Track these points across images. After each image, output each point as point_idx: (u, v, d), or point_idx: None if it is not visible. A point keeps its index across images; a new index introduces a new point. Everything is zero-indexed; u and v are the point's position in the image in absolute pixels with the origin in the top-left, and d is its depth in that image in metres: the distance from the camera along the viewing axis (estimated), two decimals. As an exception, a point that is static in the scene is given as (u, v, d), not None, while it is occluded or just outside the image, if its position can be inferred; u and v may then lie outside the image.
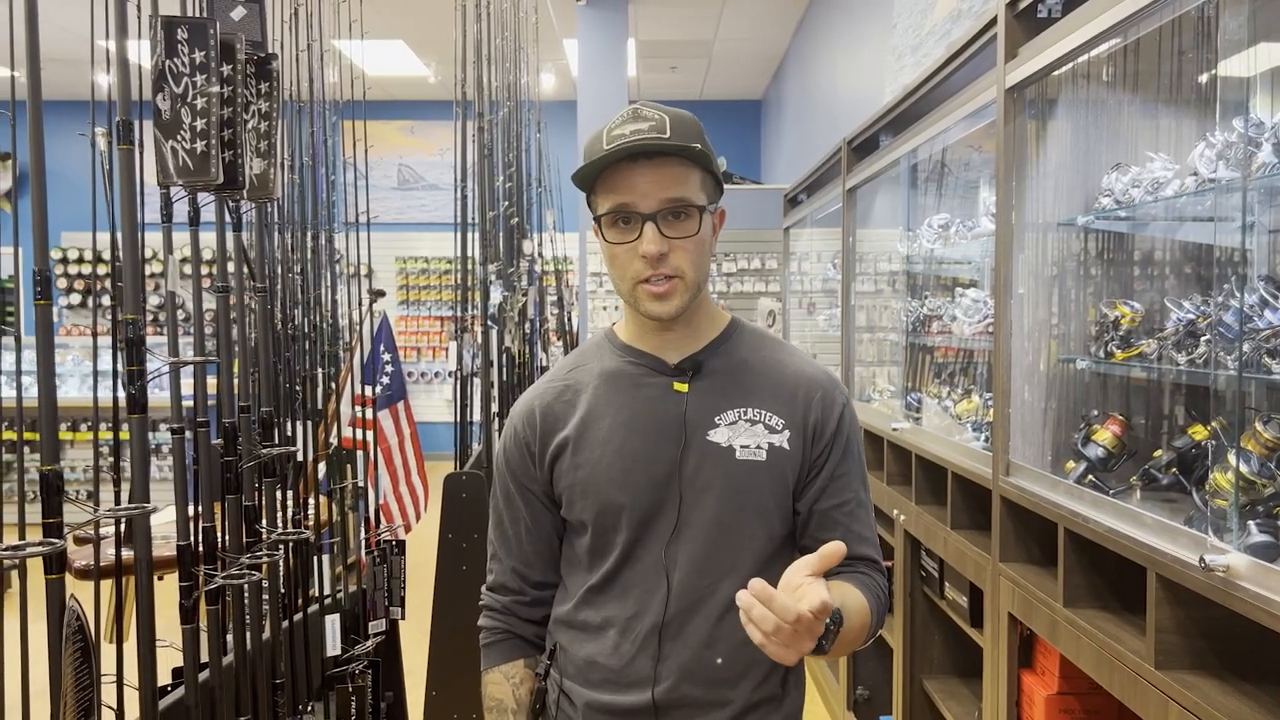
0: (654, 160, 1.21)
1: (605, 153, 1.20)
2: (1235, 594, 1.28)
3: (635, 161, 1.21)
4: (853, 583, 1.28)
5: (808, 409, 1.32)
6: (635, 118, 1.22)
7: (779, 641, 1.00)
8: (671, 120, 1.23)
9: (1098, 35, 1.70)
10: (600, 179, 1.24)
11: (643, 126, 1.21)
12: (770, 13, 7.23)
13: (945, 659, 2.75)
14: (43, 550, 1.04)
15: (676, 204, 1.22)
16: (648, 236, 1.21)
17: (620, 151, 1.19)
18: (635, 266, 1.23)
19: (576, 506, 1.31)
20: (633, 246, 1.22)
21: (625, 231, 1.23)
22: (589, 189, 1.27)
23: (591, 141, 1.25)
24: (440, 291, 9.95)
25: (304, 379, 2.26)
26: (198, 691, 1.49)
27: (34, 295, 1.05)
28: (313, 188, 2.57)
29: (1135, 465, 1.84)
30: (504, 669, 1.39)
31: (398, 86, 9.25)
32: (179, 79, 1.36)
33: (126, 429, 1.32)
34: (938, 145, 2.84)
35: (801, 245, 5.39)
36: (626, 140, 1.20)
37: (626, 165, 1.22)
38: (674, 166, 1.23)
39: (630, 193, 1.21)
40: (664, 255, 1.22)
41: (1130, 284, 2.05)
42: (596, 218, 1.27)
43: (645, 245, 1.21)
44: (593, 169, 1.22)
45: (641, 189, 1.21)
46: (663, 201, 1.22)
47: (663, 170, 1.22)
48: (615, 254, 1.25)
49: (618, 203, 1.22)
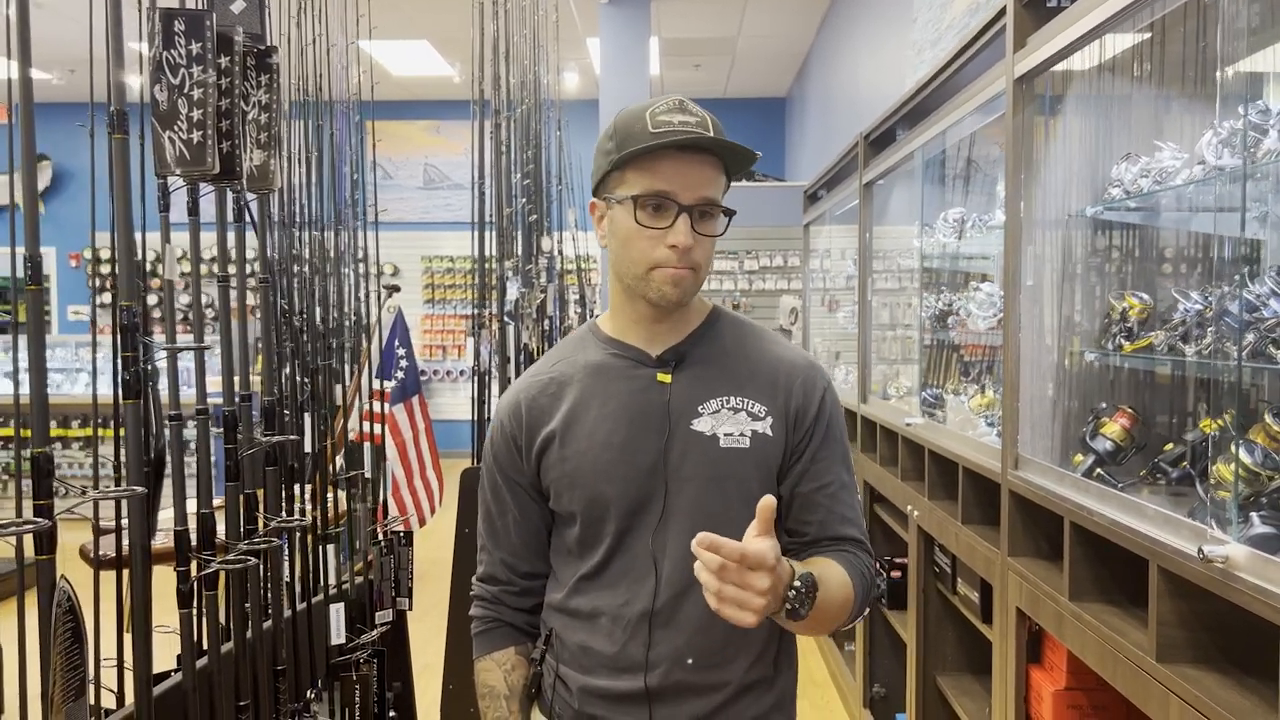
0: (700, 155, 1.23)
1: (667, 137, 1.20)
2: (1234, 585, 1.26)
3: (684, 152, 1.22)
4: (836, 559, 1.29)
5: (789, 395, 1.32)
6: (681, 109, 1.24)
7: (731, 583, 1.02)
8: (713, 121, 1.24)
9: (1105, 21, 1.68)
10: (639, 160, 1.23)
11: (690, 120, 1.22)
12: (793, 9, 7.20)
13: (959, 655, 2.73)
14: (32, 528, 1.06)
15: (710, 203, 1.24)
16: (681, 228, 1.22)
17: (680, 140, 1.20)
18: (659, 253, 1.24)
19: (565, 498, 1.33)
20: (660, 234, 1.23)
21: (656, 218, 1.23)
22: (620, 166, 1.25)
23: (630, 120, 1.24)
24: (465, 290, 9.99)
25: (314, 371, 2.28)
26: (195, 676, 1.51)
27: (26, 279, 1.07)
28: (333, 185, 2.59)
29: (1145, 459, 1.82)
30: (495, 656, 1.40)
31: (422, 86, 9.31)
32: (176, 70, 1.38)
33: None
34: (951, 138, 2.82)
35: (821, 242, 5.37)
36: (689, 131, 1.21)
37: (675, 153, 1.22)
38: (713, 167, 1.25)
39: (672, 182, 1.22)
40: (689, 249, 1.23)
41: (1140, 275, 2.02)
42: (620, 198, 1.25)
43: (679, 236, 1.22)
44: (645, 149, 1.21)
45: (684, 180, 1.22)
46: (700, 198, 1.23)
47: (705, 168, 1.24)
48: (637, 237, 1.24)
49: (658, 189, 1.22)
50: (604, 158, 1.28)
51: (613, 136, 1.26)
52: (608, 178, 1.28)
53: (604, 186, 1.29)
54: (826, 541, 1.32)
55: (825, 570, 1.23)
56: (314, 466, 2.23)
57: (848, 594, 1.26)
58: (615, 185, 1.27)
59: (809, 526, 1.33)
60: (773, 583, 1.05)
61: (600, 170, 1.29)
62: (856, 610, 1.30)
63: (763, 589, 1.04)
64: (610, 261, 1.32)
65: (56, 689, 1.10)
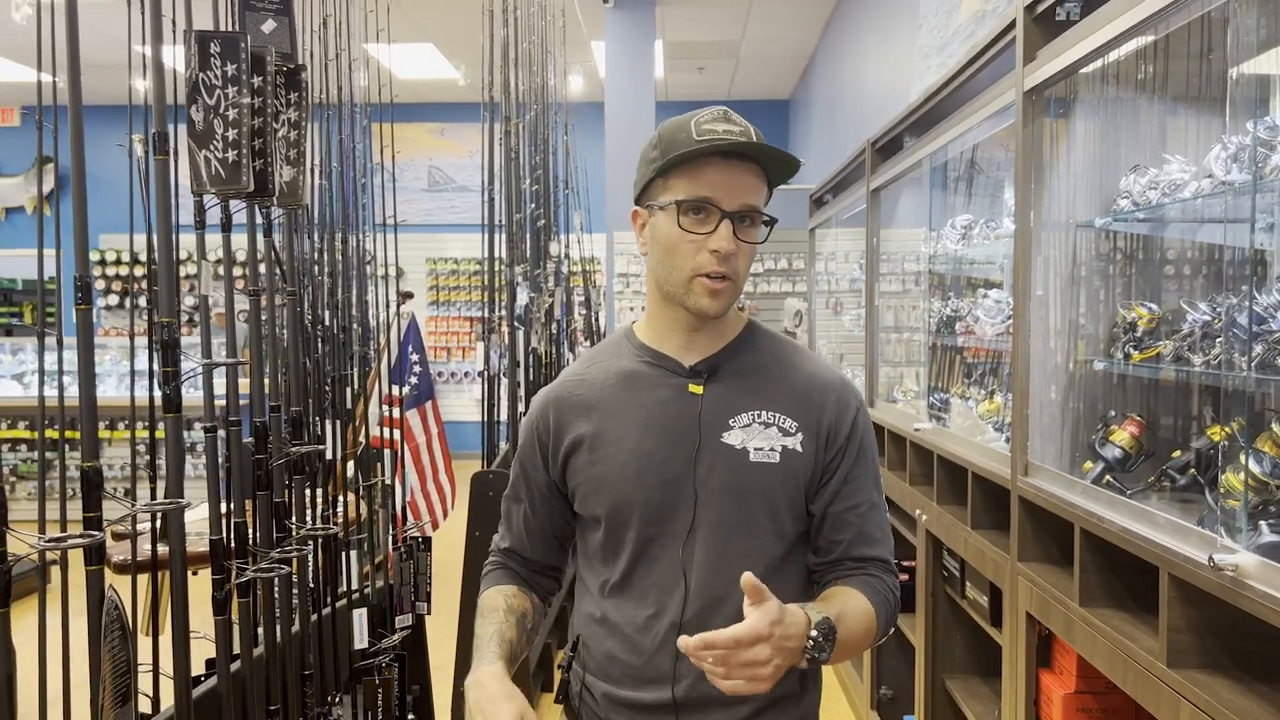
0: (743, 163, 1.26)
1: (710, 143, 1.23)
2: (1244, 593, 1.29)
3: (728, 159, 1.25)
4: (858, 586, 1.31)
5: (822, 412, 1.34)
6: (727, 119, 1.27)
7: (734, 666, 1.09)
8: (756, 132, 1.28)
9: (1115, 38, 1.71)
10: (684, 167, 1.26)
11: (734, 129, 1.25)
12: (797, 13, 7.23)
13: (966, 658, 2.77)
14: (83, 542, 1.09)
15: (752, 210, 1.27)
16: (723, 234, 1.24)
17: (724, 145, 1.23)
18: (701, 258, 1.26)
19: (590, 502, 1.35)
20: (703, 240, 1.25)
21: (698, 223, 1.26)
22: (664, 174, 1.28)
23: (676, 130, 1.28)
24: (470, 292, 10.02)
25: (333, 379, 2.31)
26: (229, 681, 1.54)
27: (75, 300, 1.10)
28: (341, 191, 2.62)
29: (1153, 466, 1.85)
30: (499, 587, 1.44)
31: (427, 89, 9.34)
32: (211, 91, 1.41)
33: (162, 427, 1.37)
34: (959, 148, 2.85)
35: (828, 245, 5.40)
36: (734, 138, 1.24)
37: (719, 161, 1.25)
38: (755, 175, 1.27)
39: (715, 188, 1.25)
40: (731, 255, 1.25)
41: (1148, 285, 2.05)
42: (663, 204, 1.28)
43: (720, 241, 1.24)
44: (690, 155, 1.24)
45: (727, 187, 1.25)
46: (743, 205, 1.26)
47: (748, 176, 1.26)
48: (679, 243, 1.27)
49: (701, 195, 1.25)
50: (648, 165, 1.30)
51: (657, 145, 1.29)
52: (651, 185, 1.31)
53: (647, 194, 1.32)
54: (851, 563, 1.34)
55: (847, 603, 1.25)
56: (332, 473, 2.26)
57: (870, 623, 1.28)
58: (659, 192, 1.29)
59: (837, 546, 1.34)
60: (774, 650, 1.11)
61: (644, 178, 1.31)
62: (879, 635, 1.32)
63: (764, 659, 1.10)
64: (650, 268, 1.34)
65: (106, 695, 1.13)
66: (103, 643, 1.12)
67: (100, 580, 1.13)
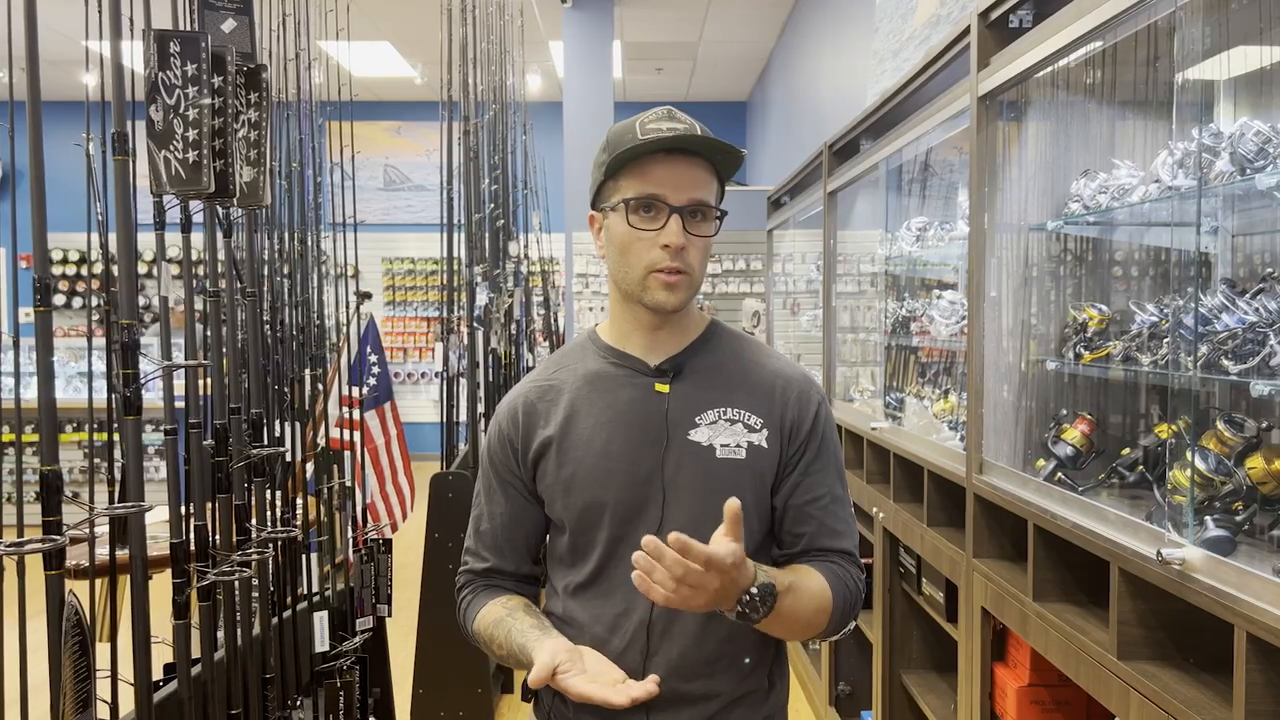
0: (689, 158, 1.28)
1: (653, 140, 1.25)
2: (1191, 586, 1.33)
3: (671, 155, 1.28)
4: (819, 568, 1.33)
5: (784, 408, 1.36)
6: (671, 117, 1.29)
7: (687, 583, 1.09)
8: (701, 128, 1.30)
9: (1066, 45, 1.75)
10: (630, 167, 1.29)
11: (679, 126, 1.28)
12: (755, 16, 7.29)
13: (923, 654, 2.81)
14: (44, 547, 1.08)
15: (701, 204, 1.29)
16: (673, 229, 1.27)
17: (665, 141, 1.25)
18: (653, 255, 1.28)
19: (559, 505, 1.35)
20: (654, 236, 1.28)
21: (648, 220, 1.28)
22: (613, 175, 1.31)
23: (622, 132, 1.30)
24: (427, 292, 9.97)
25: (291, 380, 2.29)
26: (190, 685, 1.53)
27: (34, 302, 1.09)
28: (300, 190, 2.60)
29: (1104, 463, 1.90)
30: (494, 600, 1.39)
31: (384, 87, 9.27)
32: (171, 91, 1.40)
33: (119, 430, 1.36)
34: (914, 151, 2.89)
35: (785, 247, 5.45)
36: (676, 133, 1.26)
37: (664, 158, 1.28)
38: (703, 169, 1.30)
39: (662, 185, 1.27)
40: (681, 249, 1.27)
41: (1098, 287, 2.10)
42: (614, 204, 1.30)
43: (670, 236, 1.27)
44: (632, 154, 1.27)
45: (674, 182, 1.27)
46: (691, 199, 1.28)
47: (694, 170, 1.29)
48: (631, 241, 1.29)
49: (649, 192, 1.27)
50: (598, 170, 1.33)
51: (605, 149, 1.32)
52: (602, 188, 1.33)
53: (600, 197, 1.34)
54: (815, 554, 1.36)
55: (803, 579, 1.27)
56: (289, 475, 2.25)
57: (823, 604, 1.30)
58: (610, 194, 1.32)
59: (800, 539, 1.36)
60: (721, 584, 1.12)
61: (596, 181, 1.35)
62: (837, 620, 1.33)
63: (711, 587, 1.12)
64: (609, 270, 1.36)
65: (67, 701, 1.12)
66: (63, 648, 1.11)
67: (60, 585, 1.12)
